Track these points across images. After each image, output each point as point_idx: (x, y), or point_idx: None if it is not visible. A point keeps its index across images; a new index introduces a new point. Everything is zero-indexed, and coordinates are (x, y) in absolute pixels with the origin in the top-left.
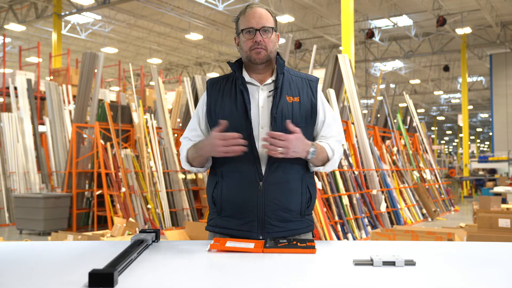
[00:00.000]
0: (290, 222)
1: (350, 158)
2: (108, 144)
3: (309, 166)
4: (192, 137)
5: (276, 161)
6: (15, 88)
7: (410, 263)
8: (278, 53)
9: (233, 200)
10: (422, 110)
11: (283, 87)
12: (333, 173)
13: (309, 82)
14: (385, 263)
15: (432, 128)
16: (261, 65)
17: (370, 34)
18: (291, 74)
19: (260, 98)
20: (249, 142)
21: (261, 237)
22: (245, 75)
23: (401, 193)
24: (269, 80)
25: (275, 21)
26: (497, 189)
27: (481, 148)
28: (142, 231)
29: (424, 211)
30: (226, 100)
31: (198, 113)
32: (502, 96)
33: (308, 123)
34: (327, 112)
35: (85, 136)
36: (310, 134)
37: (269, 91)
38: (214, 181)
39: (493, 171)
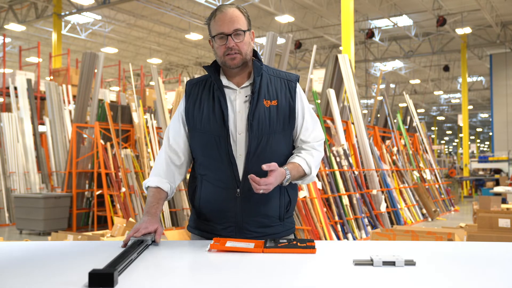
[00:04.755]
0: (269, 227)
1: (350, 158)
2: (108, 144)
3: None
4: (172, 139)
5: (253, 168)
6: (15, 88)
7: (410, 263)
8: (256, 52)
9: (211, 205)
10: (422, 110)
11: (260, 91)
12: (333, 173)
13: (288, 83)
14: (385, 263)
15: (432, 128)
16: (236, 69)
17: (370, 34)
18: (269, 75)
19: (237, 103)
20: (226, 149)
21: None
22: (223, 78)
23: (401, 193)
24: (246, 83)
25: (248, 19)
26: (497, 189)
27: (481, 148)
28: None
29: (424, 211)
30: (204, 105)
31: (180, 114)
32: (502, 96)
33: (286, 127)
34: (306, 115)
35: (85, 136)
36: (289, 137)
37: (246, 96)
38: (194, 184)
39: (498, 171)
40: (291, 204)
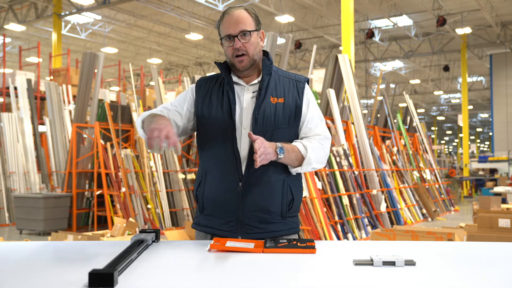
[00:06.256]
0: (271, 224)
1: (350, 158)
2: (108, 144)
3: (289, 169)
4: (171, 106)
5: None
6: (15, 88)
7: (410, 263)
8: (267, 53)
9: (214, 199)
10: (422, 110)
11: (268, 88)
12: (333, 173)
13: (296, 83)
14: (385, 263)
15: (432, 128)
16: (245, 71)
17: (370, 34)
18: (279, 75)
19: (244, 99)
20: (231, 143)
21: (240, 237)
22: (233, 75)
23: (401, 193)
24: (255, 81)
25: (256, 19)
26: (497, 189)
27: (481, 148)
28: (142, 231)
29: (424, 211)
30: (213, 100)
31: (186, 96)
32: (502, 96)
33: (291, 124)
34: (312, 113)
35: (85, 136)
36: (293, 135)
37: (253, 92)
38: (199, 178)
39: (493, 171)
40: (294, 202)
